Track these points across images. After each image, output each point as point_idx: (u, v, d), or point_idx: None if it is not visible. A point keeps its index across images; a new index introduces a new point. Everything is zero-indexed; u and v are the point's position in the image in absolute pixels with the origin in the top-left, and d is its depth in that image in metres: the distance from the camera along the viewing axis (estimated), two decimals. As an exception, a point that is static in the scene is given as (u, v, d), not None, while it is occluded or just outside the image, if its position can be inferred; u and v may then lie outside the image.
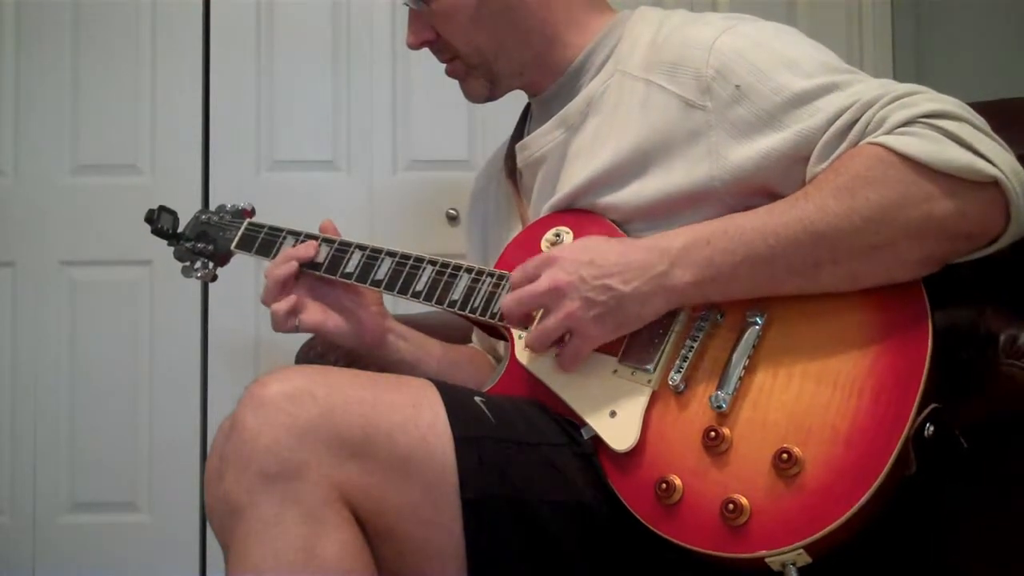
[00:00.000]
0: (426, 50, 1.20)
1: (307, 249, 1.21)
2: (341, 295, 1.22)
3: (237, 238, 1.33)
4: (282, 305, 1.18)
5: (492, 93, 1.21)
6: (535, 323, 1.00)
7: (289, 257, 1.20)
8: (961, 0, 2.29)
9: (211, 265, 1.39)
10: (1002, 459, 0.98)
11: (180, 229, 1.42)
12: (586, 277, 0.95)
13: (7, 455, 2.31)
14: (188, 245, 1.39)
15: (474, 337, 1.42)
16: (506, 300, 1.01)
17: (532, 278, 0.99)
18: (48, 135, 2.35)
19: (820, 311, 0.92)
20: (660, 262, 0.94)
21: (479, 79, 1.19)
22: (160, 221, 1.41)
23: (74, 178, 2.35)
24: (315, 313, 1.20)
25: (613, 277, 0.95)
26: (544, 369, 1.02)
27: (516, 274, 1.02)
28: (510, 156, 1.26)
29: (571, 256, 0.98)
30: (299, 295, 1.19)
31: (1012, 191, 0.86)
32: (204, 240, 1.38)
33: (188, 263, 1.39)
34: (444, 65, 1.22)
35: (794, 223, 0.90)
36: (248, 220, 1.35)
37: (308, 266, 1.21)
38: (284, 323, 1.18)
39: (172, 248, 1.41)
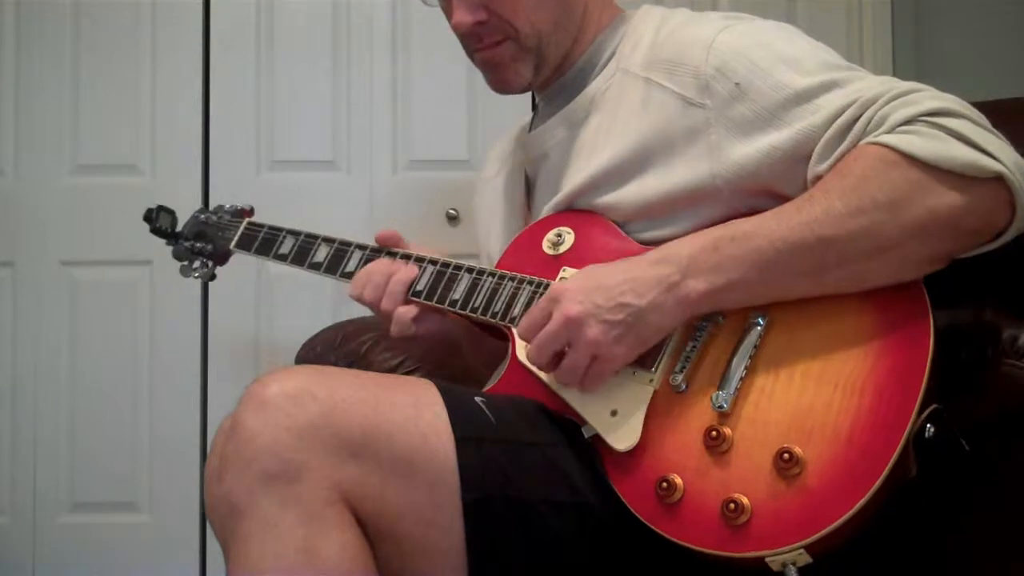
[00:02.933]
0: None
1: (411, 271, 1.14)
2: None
3: (236, 237, 1.33)
4: (408, 311, 1.13)
5: (533, 80, 1.17)
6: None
7: (405, 283, 1.14)
8: (961, 0, 2.29)
9: (210, 264, 1.39)
10: (1002, 459, 0.98)
11: (178, 228, 1.42)
12: (600, 302, 0.94)
13: (7, 455, 2.31)
14: (187, 244, 1.39)
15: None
16: (529, 352, 0.99)
17: (542, 321, 0.97)
18: (48, 135, 2.35)
19: (822, 312, 0.92)
20: (671, 272, 0.94)
21: (528, 63, 1.14)
22: (159, 220, 1.41)
23: (74, 178, 2.35)
24: (428, 325, 1.15)
25: (626, 294, 0.94)
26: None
27: (523, 325, 0.99)
28: (519, 149, 1.26)
29: (576, 287, 0.96)
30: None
31: (1016, 185, 0.87)
32: (202, 239, 1.38)
33: (186, 262, 1.39)
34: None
35: (801, 226, 0.90)
36: (247, 220, 1.35)
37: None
38: (408, 328, 1.13)
39: (171, 247, 1.41)
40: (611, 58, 1.14)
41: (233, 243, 1.33)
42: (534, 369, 1.02)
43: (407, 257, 1.16)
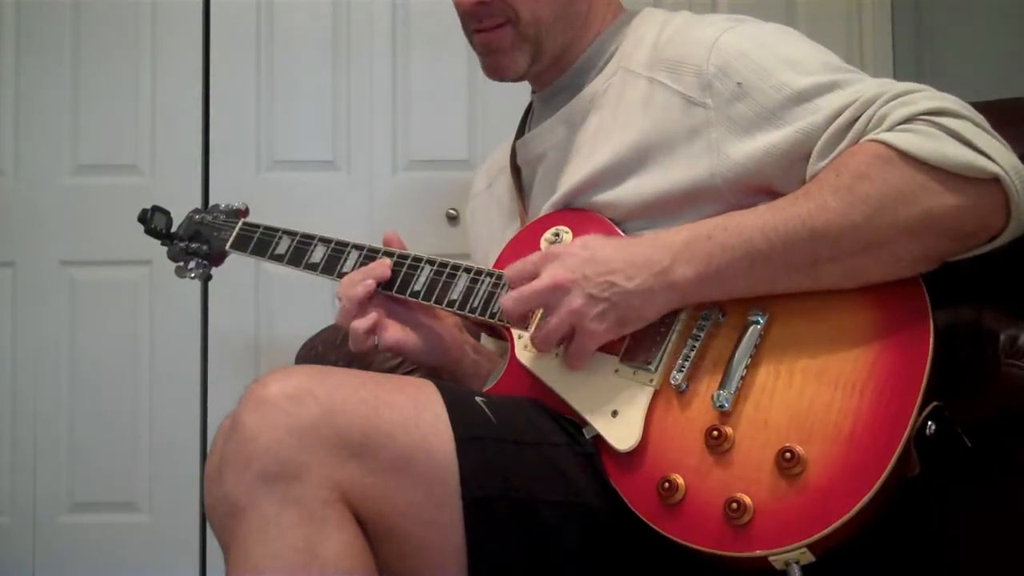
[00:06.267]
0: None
1: (383, 268, 1.14)
2: (416, 311, 1.16)
3: (232, 238, 1.33)
4: (363, 323, 1.10)
5: (528, 71, 1.16)
6: (535, 321, 1.00)
7: (366, 275, 1.13)
8: (961, 0, 2.29)
9: (206, 265, 1.38)
10: (1003, 459, 0.98)
11: (174, 229, 1.42)
12: (589, 274, 0.95)
13: (7, 455, 2.31)
14: (182, 245, 1.39)
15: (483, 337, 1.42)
16: (505, 299, 1.00)
17: (531, 276, 0.99)
18: (48, 135, 2.35)
19: (822, 310, 0.93)
20: (662, 258, 0.95)
21: (525, 52, 1.14)
22: (154, 221, 1.41)
23: (74, 178, 2.35)
24: (395, 332, 1.13)
25: (616, 274, 0.95)
26: (545, 369, 1.02)
27: (512, 271, 1.01)
28: (512, 153, 1.26)
29: (572, 253, 0.97)
30: (378, 313, 1.12)
31: (1012, 188, 0.86)
32: (198, 240, 1.38)
33: (182, 263, 1.39)
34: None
35: (794, 220, 0.91)
36: (243, 220, 1.35)
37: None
38: (364, 342, 1.10)
39: (166, 248, 1.41)
40: (612, 57, 1.14)
41: (229, 244, 1.33)
42: (533, 369, 1.02)
43: (404, 258, 1.16)
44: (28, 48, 2.35)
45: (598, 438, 0.97)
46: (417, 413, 0.92)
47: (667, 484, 0.90)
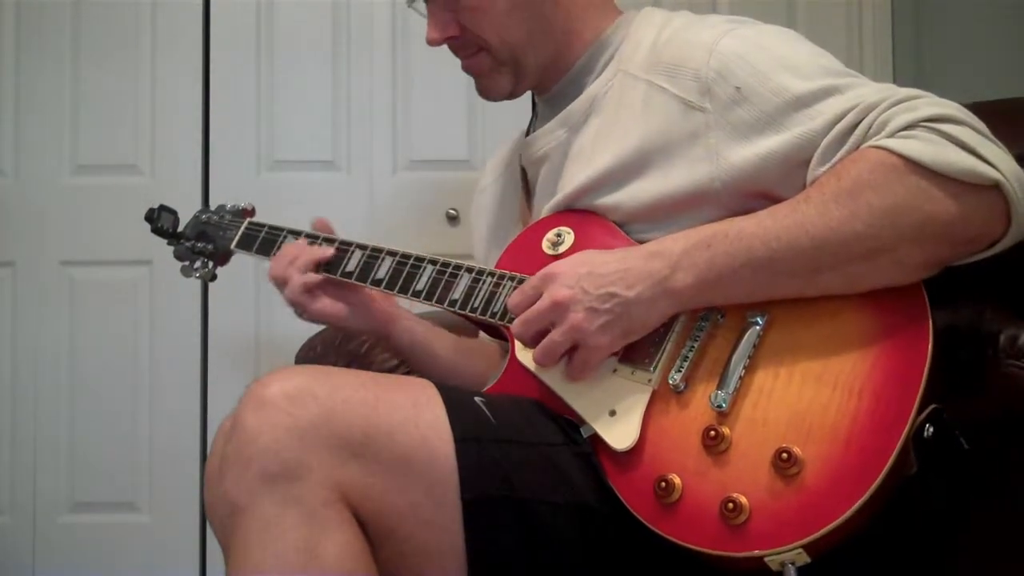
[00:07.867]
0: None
1: (323, 251, 1.22)
2: (347, 293, 1.23)
3: (237, 237, 1.33)
4: (303, 279, 1.21)
5: (515, 90, 1.18)
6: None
7: (311, 259, 1.22)
8: (961, 0, 2.29)
9: (211, 264, 1.39)
10: (1002, 459, 0.98)
11: (180, 228, 1.42)
12: (588, 288, 0.95)
13: (7, 455, 2.31)
14: (188, 244, 1.39)
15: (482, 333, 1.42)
16: (514, 326, 1.00)
17: (533, 299, 0.99)
18: (48, 135, 2.35)
19: (821, 312, 0.93)
20: (662, 266, 0.95)
21: (506, 75, 1.16)
22: (160, 220, 1.41)
23: (74, 178, 2.35)
24: (326, 300, 1.22)
25: (616, 284, 0.95)
26: (545, 369, 1.02)
27: (514, 298, 1.01)
28: (518, 153, 1.26)
29: (569, 270, 0.97)
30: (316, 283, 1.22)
31: (1013, 195, 0.87)
32: (204, 239, 1.38)
33: (188, 262, 1.39)
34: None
35: (795, 227, 0.90)
36: (248, 219, 1.35)
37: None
38: (300, 293, 1.21)
39: (172, 247, 1.41)
40: (611, 60, 1.14)
41: (234, 243, 1.34)
42: (533, 369, 1.03)
43: (407, 257, 1.16)
44: (28, 48, 2.35)
45: (595, 438, 0.97)
46: (417, 413, 0.92)
47: (664, 484, 0.90)
